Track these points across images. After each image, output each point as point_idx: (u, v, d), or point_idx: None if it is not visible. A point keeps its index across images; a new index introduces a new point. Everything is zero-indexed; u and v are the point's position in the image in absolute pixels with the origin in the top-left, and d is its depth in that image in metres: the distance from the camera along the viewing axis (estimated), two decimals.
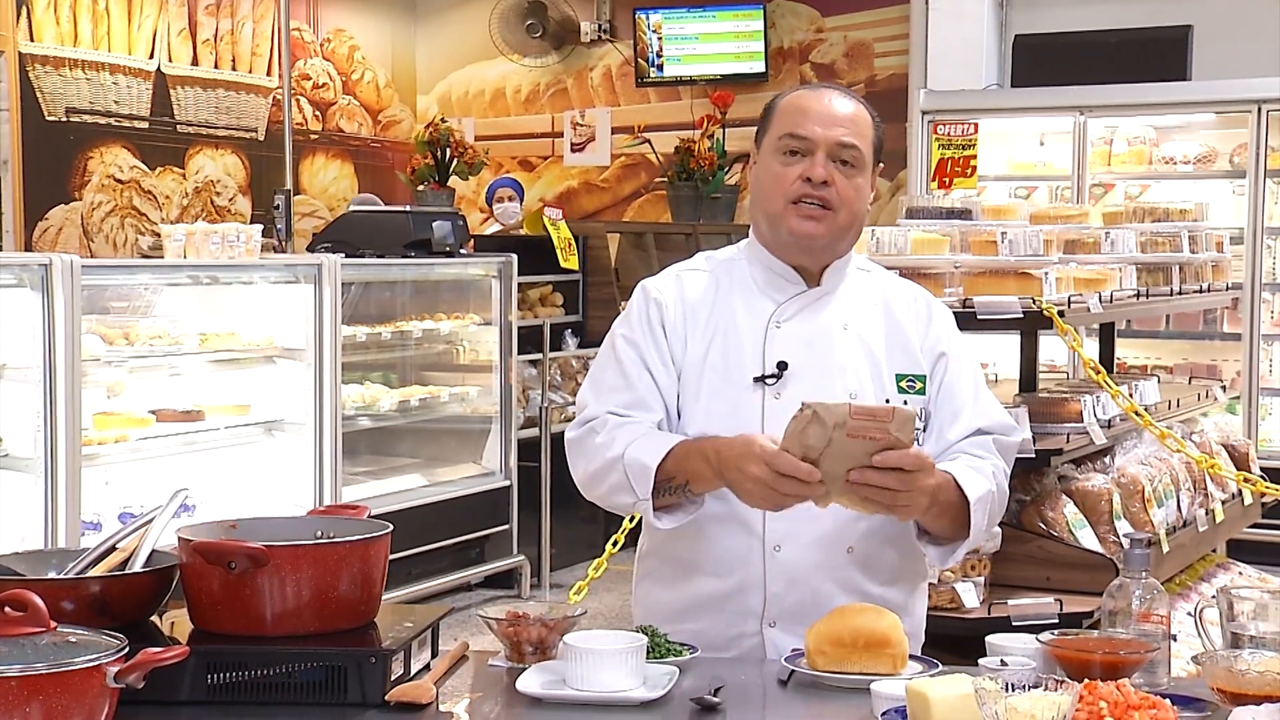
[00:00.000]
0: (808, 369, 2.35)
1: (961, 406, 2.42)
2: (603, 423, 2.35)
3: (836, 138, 2.35)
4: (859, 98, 2.45)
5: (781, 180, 2.36)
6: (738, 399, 2.35)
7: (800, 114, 2.37)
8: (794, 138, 2.36)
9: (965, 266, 3.93)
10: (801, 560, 2.31)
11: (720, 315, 2.40)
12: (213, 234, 5.31)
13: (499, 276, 6.56)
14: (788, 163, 2.36)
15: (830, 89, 2.44)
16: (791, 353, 2.36)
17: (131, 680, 1.70)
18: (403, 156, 9.57)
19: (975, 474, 2.32)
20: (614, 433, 2.33)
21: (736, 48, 9.36)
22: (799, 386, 2.33)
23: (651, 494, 2.26)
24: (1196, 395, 4.97)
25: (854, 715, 1.97)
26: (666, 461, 2.26)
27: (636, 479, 2.27)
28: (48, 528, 4.55)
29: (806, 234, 2.36)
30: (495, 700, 2.06)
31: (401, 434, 6.56)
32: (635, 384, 2.37)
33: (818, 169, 2.34)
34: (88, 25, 8.14)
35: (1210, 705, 1.94)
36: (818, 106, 2.37)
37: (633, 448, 2.28)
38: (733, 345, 2.37)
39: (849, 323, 2.40)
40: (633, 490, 2.28)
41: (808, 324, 2.38)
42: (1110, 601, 2.18)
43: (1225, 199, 7.51)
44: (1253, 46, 7.57)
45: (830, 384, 2.34)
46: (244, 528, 2.13)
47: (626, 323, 2.44)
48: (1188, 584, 4.35)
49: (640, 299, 2.45)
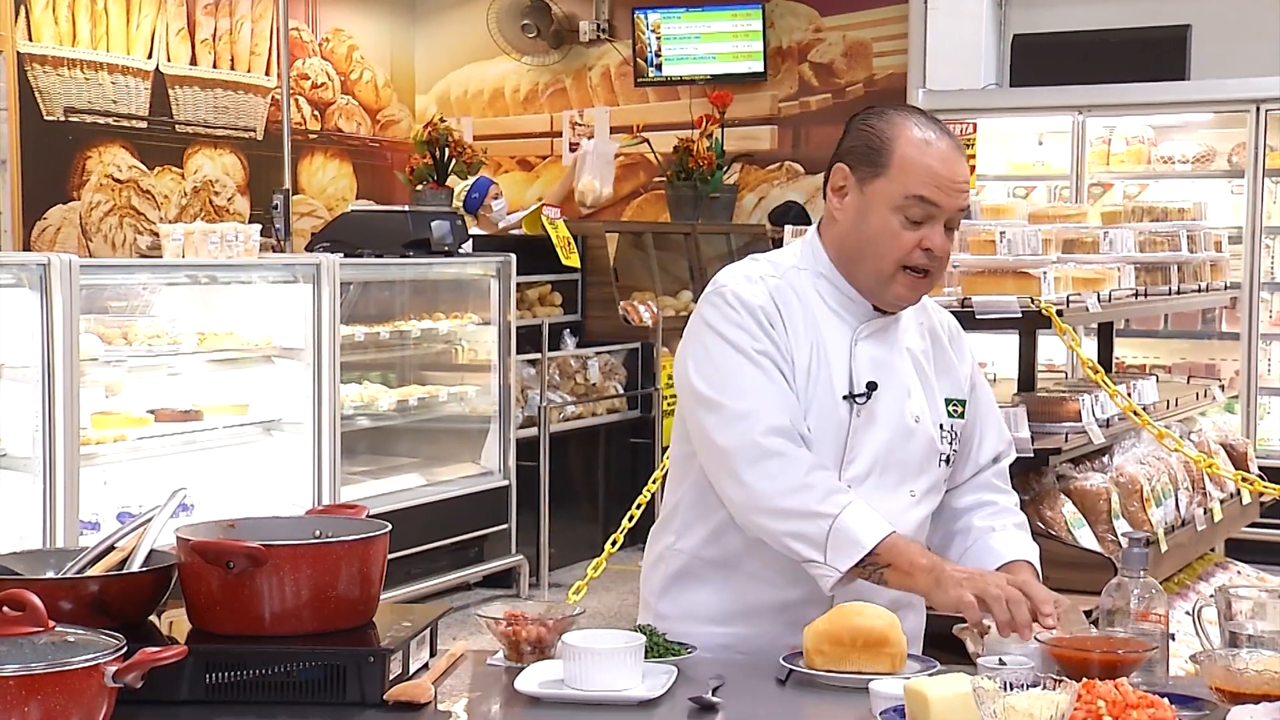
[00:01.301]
0: (885, 390, 2.37)
1: (987, 430, 2.53)
2: (798, 457, 2.25)
3: (960, 204, 2.32)
4: (959, 141, 2.40)
5: (899, 243, 2.30)
6: (827, 415, 2.33)
7: (932, 178, 2.28)
8: (924, 203, 2.28)
9: (964, 266, 3.93)
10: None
11: (811, 327, 2.35)
12: (211, 233, 5.31)
13: (497, 276, 6.56)
14: (908, 226, 2.29)
15: (946, 139, 2.33)
16: (870, 373, 2.36)
17: (130, 680, 1.70)
18: (401, 156, 9.57)
19: (1026, 539, 2.48)
20: (817, 476, 2.25)
21: (735, 47, 9.35)
22: (878, 406, 2.35)
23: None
24: (1195, 395, 4.97)
25: (852, 714, 1.97)
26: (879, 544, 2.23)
27: (838, 548, 2.21)
28: (46, 527, 4.55)
29: (911, 300, 2.37)
30: (493, 700, 2.06)
31: (400, 434, 6.56)
32: (785, 390, 2.30)
33: (938, 239, 2.30)
34: (86, 25, 8.14)
35: (1208, 704, 1.94)
36: (946, 171, 2.30)
37: (847, 514, 2.22)
38: (823, 359, 2.35)
39: (910, 345, 2.43)
40: (824, 553, 2.22)
41: (880, 345, 2.39)
42: (1108, 600, 2.18)
43: (1224, 198, 7.51)
44: (1251, 46, 7.57)
45: (901, 406, 2.37)
46: (242, 527, 2.13)
47: (733, 325, 2.31)
48: (1186, 583, 4.35)
49: (737, 304, 2.31)
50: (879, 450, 2.35)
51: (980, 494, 2.51)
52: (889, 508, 2.33)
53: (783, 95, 9.35)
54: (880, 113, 2.36)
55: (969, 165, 2.41)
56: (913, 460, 2.38)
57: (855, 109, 2.50)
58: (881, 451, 2.35)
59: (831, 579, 2.23)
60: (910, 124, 2.32)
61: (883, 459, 2.35)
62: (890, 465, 2.36)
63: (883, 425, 2.35)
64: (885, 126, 2.32)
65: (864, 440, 2.34)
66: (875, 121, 2.34)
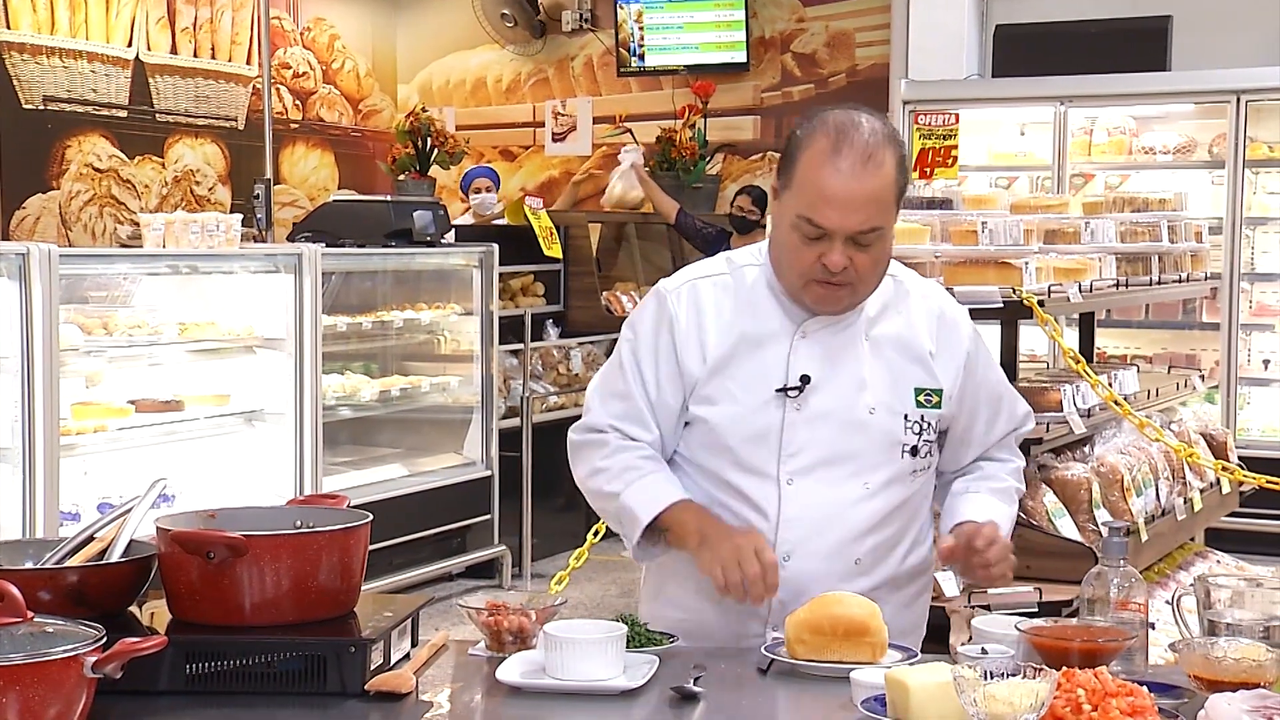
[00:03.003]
0: (830, 382, 2.34)
1: (998, 412, 2.50)
2: (604, 443, 2.41)
3: (854, 227, 2.22)
4: (887, 140, 2.25)
5: (799, 258, 2.28)
6: (758, 408, 2.34)
7: (818, 198, 2.22)
8: (811, 224, 2.24)
9: (946, 256, 3.94)
10: (810, 571, 2.32)
11: (744, 322, 2.36)
12: (192, 223, 5.28)
13: (480, 266, 6.55)
14: (805, 243, 2.26)
15: (853, 156, 2.22)
16: (815, 365, 2.34)
17: (109, 670, 1.70)
18: (383, 146, 9.54)
19: (999, 503, 2.44)
20: (614, 459, 2.38)
21: (718, 37, 9.35)
22: (820, 399, 2.34)
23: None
24: (1175, 385, 4.99)
25: (834, 703, 1.98)
26: (660, 516, 2.33)
27: (627, 524, 2.37)
28: (26, 518, 4.53)
29: (827, 309, 2.34)
30: (475, 690, 2.06)
31: (382, 424, 6.55)
32: (635, 397, 2.40)
33: (834, 257, 2.24)
34: (65, 13, 8.08)
35: (1187, 692, 1.95)
36: (836, 190, 2.20)
37: (630, 493, 2.35)
38: (756, 353, 2.35)
39: (871, 334, 2.38)
40: (621, 527, 2.40)
41: (833, 336, 2.36)
42: (1089, 590, 2.19)
43: (1204, 189, 7.54)
44: (1232, 37, 7.59)
45: (851, 399, 2.35)
46: (223, 517, 2.12)
47: (635, 329, 2.43)
48: (1166, 572, 4.37)
49: (654, 308, 2.42)
50: (824, 443, 2.34)
51: (976, 462, 2.52)
52: (838, 500, 2.34)
53: (765, 85, 9.35)
54: (810, 118, 2.30)
55: (888, 176, 2.23)
56: (867, 452, 2.35)
57: (838, 100, 2.51)
58: (827, 444, 2.34)
59: (632, 551, 2.39)
60: (823, 136, 2.24)
61: (829, 452, 2.34)
62: (839, 458, 2.34)
63: (829, 418, 2.34)
64: (802, 136, 2.28)
65: (805, 433, 2.34)
66: (799, 128, 2.30)
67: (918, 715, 1.81)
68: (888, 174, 2.25)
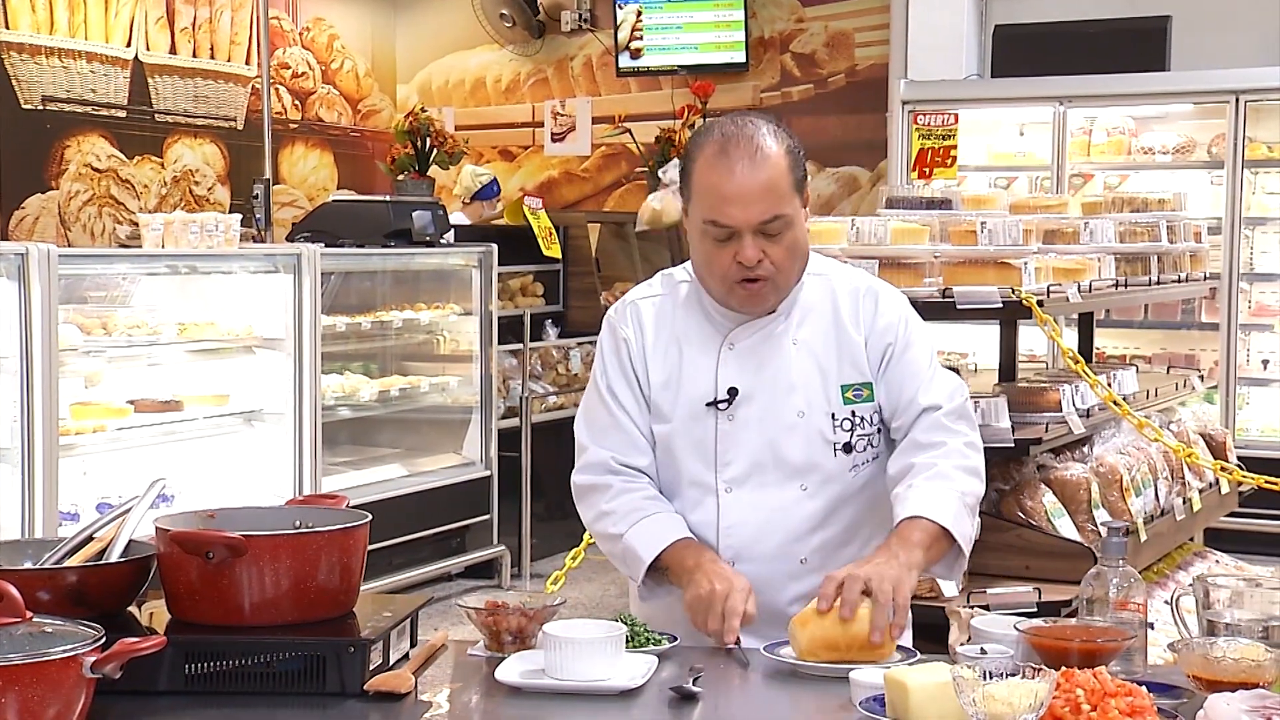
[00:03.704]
0: (759, 391, 2.40)
1: (920, 389, 2.42)
2: (608, 485, 2.44)
3: (757, 218, 2.30)
4: (772, 134, 2.32)
5: (717, 263, 2.35)
6: (694, 421, 2.42)
7: (718, 199, 2.30)
8: (717, 225, 2.32)
9: (945, 256, 3.94)
10: (756, 574, 2.36)
11: (676, 339, 2.45)
12: (191, 223, 5.28)
13: (479, 266, 6.55)
14: (718, 246, 2.34)
15: (739, 149, 2.29)
16: (744, 375, 2.40)
17: (108, 670, 1.70)
18: (382, 146, 9.53)
19: (936, 491, 2.31)
20: (618, 501, 2.42)
21: (717, 37, 9.34)
22: (749, 408, 2.40)
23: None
24: (1174, 385, 4.99)
25: (833, 703, 1.98)
26: (661, 555, 2.37)
27: (631, 564, 2.41)
28: (25, 518, 4.53)
29: (754, 307, 2.40)
30: (474, 690, 2.06)
31: (381, 424, 6.55)
32: (623, 426, 2.45)
33: (748, 252, 2.31)
34: (64, 13, 8.08)
35: (1186, 692, 1.95)
36: (732, 188, 2.28)
37: (633, 533, 2.39)
38: (688, 368, 2.43)
39: (798, 338, 2.43)
40: (627, 568, 2.44)
41: (760, 345, 2.42)
42: (1088, 590, 2.19)
43: (1203, 189, 7.54)
44: (1231, 37, 7.59)
45: (779, 404, 2.40)
46: (222, 517, 2.13)
47: (602, 358, 2.50)
48: (1165, 572, 4.37)
49: (608, 338, 2.50)
50: (757, 450, 2.40)
51: (907, 457, 2.40)
52: (776, 503, 2.39)
53: (764, 85, 9.35)
54: (698, 133, 2.38)
55: (780, 162, 2.29)
56: (799, 455, 2.40)
57: (837, 100, 2.52)
58: (760, 451, 2.40)
59: (638, 590, 2.42)
60: (710, 143, 2.33)
61: (763, 458, 2.40)
62: (774, 463, 2.40)
63: (759, 426, 2.39)
64: (692, 149, 2.37)
65: (738, 443, 2.40)
66: (689, 144, 2.39)
67: (917, 715, 1.82)
68: (778, 164, 2.32)
